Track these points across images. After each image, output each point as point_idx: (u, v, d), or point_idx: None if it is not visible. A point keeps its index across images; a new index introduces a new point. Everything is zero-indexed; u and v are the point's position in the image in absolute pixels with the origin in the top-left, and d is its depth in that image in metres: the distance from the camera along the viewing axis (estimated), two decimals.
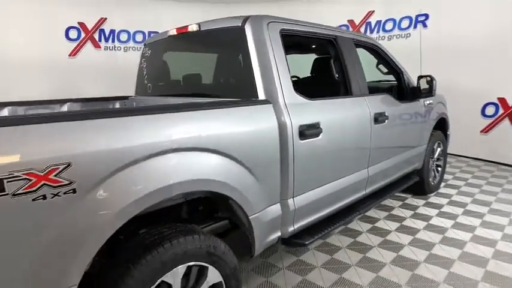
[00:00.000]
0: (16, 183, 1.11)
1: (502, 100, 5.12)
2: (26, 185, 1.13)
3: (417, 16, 5.93)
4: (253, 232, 1.93)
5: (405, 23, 6.13)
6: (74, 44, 5.66)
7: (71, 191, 1.22)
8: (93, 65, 5.78)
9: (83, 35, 5.71)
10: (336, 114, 2.42)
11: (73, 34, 5.63)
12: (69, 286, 1.26)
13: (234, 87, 2.29)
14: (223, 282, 1.76)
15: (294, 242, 2.26)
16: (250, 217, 1.88)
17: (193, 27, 2.45)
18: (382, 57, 3.30)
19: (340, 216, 2.64)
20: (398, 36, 6.25)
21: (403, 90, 3.36)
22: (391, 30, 6.34)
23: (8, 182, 1.10)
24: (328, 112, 2.35)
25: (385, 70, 3.49)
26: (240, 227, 2.05)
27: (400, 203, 3.91)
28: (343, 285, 2.42)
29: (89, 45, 5.79)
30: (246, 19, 2.13)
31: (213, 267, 1.70)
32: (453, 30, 5.45)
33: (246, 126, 1.85)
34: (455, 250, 2.86)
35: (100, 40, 5.92)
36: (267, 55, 2.07)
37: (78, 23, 5.66)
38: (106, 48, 6.00)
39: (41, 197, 1.16)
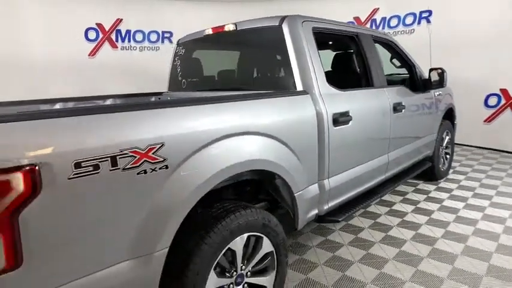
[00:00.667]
0: (125, 159, 1.34)
1: (504, 91, 5.39)
2: (132, 161, 1.36)
3: (421, 12, 6.18)
4: (297, 208, 2.16)
5: (409, 19, 6.38)
6: (93, 45, 5.86)
7: (164, 167, 1.45)
8: (111, 65, 5.98)
9: (101, 35, 5.91)
10: (362, 104, 2.66)
11: (92, 35, 5.83)
12: (163, 248, 1.48)
13: (272, 80, 2.52)
14: (274, 251, 1.99)
15: (328, 219, 2.50)
16: (295, 194, 2.12)
17: (229, 27, 2.68)
18: (397, 52, 3.54)
19: (364, 198, 2.88)
20: (402, 32, 6.49)
21: (416, 82, 3.60)
22: (395, 27, 6.59)
23: (119, 158, 1.32)
24: (355, 102, 2.59)
25: (398, 64, 3.73)
26: (280, 207, 2.29)
27: (413, 188, 4.16)
28: (370, 259, 2.66)
29: (106, 45, 5.99)
30: (283, 19, 2.36)
31: (267, 237, 1.93)
32: (456, 26, 5.70)
33: (289, 113, 2.09)
34: (469, 227, 3.12)
35: (117, 40, 6.12)
36: (303, 50, 2.30)
37: (96, 24, 5.86)
38: (123, 48, 6.20)
39: (143, 172, 1.39)
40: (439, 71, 3.50)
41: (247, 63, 2.81)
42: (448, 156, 4.51)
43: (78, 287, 1.27)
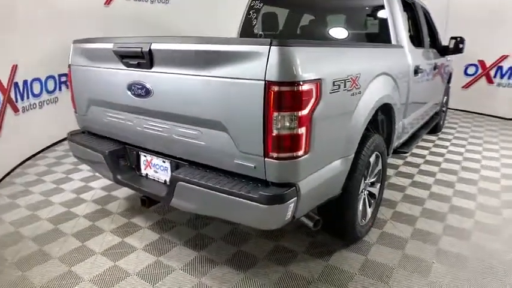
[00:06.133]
0: (348, 83, 1.81)
1: (482, 62, 6.45)
2: (350, 85, 1.83)
3: None
4: (393, 138, 2.76)
5: None
6: None
7: (359, 92, 1.94)
8: (124, 15, 5.88)
9: None
10: (424, 60, 3.29)
11: None
12: (352, 154, 2.00)
13: (366, 36, 3.01)
14: (381, 169, 2.60)
15: (400, 151, 3.16)
16: (395, 125, 2.70)
17: None
18: (428, 20, 4.18)
19: (412, 138, 3.59)
20: None
21: (438, 48, 4.30)
22: None
23: (346, 81, 1.79)
24: (421, 57, 3.21)
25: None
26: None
27: (420, 139, 4.99)
28: (417, 184, 3.39)
29: None
30: None
31: (381, 158, 2.52)
32: (448, 3, 6.54)
33: (398, 61, 2.65)
34: (477, 155, 4.09)
35: None
36: (397, 14, 2.83)
37: None
38: None
39: (352, 94, 1.87)
40: (459, 39, 4.23)
41: (336, 21, 3.25)
42: (443, 113, 5.43)
43: (324, 171, 1.76)
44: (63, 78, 4.77)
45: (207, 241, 2.50)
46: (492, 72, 6.39)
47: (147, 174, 2.14)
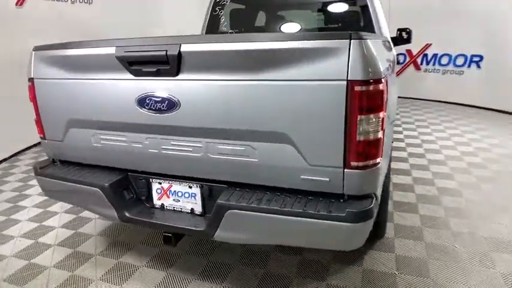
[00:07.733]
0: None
1: (409, 51, 7.07)
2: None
3: None
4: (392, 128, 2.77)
5: None
6: None
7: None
8: (41, 17, 5.00)
9: None
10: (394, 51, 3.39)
11: None
12: (390, 153, 1.90)
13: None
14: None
15: None
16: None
17: None
18: None
19: None
20: None
21: None
22: None
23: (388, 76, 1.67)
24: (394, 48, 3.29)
25: None
26: None
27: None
28: (398, 187, 3.53)
29: None
30: None
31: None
32: None
33: (392, 52, 2.64)
34: (431, 137, 4.42)
35: None
36: (378, 8, 2.84)
37: None
38: None
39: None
40: (407, 30, 4.50)
41: (319, 18, 3.14)
42: None
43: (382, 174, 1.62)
44: None
45: (225, 269, 2.19)
46: (419, 60, 7.06)
47: (162, 205, 1.75)
